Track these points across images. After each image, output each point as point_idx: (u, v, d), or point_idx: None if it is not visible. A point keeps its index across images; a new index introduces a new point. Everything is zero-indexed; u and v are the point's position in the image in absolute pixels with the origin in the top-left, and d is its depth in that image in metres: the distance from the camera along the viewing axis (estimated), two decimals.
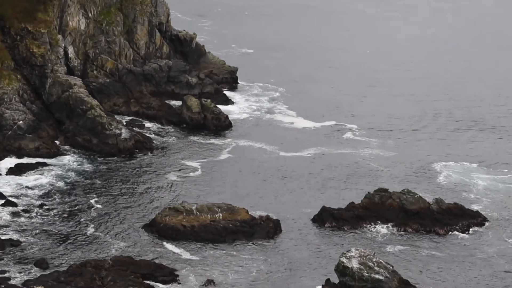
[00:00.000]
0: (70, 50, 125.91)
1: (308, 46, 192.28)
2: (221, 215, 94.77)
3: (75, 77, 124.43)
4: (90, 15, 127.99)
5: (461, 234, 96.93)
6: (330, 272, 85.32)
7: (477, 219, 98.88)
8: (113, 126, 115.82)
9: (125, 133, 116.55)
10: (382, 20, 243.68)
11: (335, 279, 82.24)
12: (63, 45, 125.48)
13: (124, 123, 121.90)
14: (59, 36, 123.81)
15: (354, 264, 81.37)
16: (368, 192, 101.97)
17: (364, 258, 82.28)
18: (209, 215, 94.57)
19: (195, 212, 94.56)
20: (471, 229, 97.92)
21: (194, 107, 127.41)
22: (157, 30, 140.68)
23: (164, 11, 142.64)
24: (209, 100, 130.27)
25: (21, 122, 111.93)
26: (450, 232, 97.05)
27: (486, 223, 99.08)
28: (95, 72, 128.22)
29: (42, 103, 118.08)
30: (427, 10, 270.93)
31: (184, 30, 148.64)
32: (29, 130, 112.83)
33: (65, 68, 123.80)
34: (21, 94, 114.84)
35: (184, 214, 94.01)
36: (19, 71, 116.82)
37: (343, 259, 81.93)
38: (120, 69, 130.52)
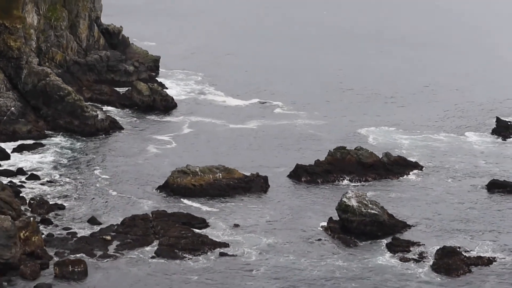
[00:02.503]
0: None
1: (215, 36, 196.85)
2: (220, 174, 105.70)
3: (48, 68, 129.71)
4: (41, 12, 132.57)
5: (410, 178, 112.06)
6: (325, 213, 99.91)
7: (418, 167, 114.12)
8: (89, 109, 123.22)
9: (100, 115, 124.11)
10: None
11: (335, 217, 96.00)
12: (35, 38, 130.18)
13: None
14: (32, 31, 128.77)
15: (354, 202, 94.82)
16: (330, 150, 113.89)
17: (360, 198, 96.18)
18: (211, 175, 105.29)
19: (199, 173, 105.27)
20: (415, 175, 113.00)
21: (144, 90, 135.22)
22: (95, 24, 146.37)
23: (100, 6, 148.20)
24: (155, 84, 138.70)
25: (12, 108, 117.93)
26: (401, 178, 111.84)
27: (424, 170, 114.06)
28: (47, 64, 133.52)
29: (17, 92, 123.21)
30: None
31: (112, 23, 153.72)
32: (20, 115, 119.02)
33: (38, 59, 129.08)
34: (5, 83, 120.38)
35: (191, 175, 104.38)
36: None
37: (344, 199, 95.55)
38: (67, 61, 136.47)
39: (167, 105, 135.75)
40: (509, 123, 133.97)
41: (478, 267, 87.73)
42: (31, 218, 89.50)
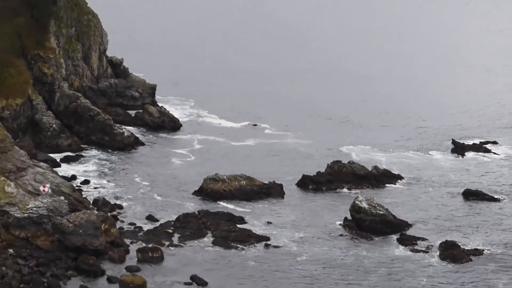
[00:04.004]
0: None
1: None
2: (244, 182, 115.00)
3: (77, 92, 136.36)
4: (60, 44, 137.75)
5: (397, 187, 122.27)
6: (337, 214, 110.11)
7: (400, 179, 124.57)
8: (116, 127, 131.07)
9: (126, 132, 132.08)
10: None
11: (348, 217, 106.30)
12: (64, 66, 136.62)
13: None
14: (62, 60, 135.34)
15: (365, 205, 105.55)
16: (328, 164, 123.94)
17: (369, 201, 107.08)
18: (236, 182, 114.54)
19: (227, 180, 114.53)
20: (400, 185, 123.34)
21: (154, 112, 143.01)
22: (103, 56, 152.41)
23: (107, 40, 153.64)
24: (163, 107, 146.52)
25: (54, 125, 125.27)
26: (389, 186, 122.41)
27: (406, 181, 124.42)
28: None
29: (52, 112, 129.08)
30: None
31: (115, 56, 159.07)
32: (60, 131, 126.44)
33: (67, 84, 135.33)
34: (44, 105, 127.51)
35: (221, 182, 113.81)
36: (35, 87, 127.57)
37: (357, 202, 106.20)
38: (84, 87, 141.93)
39: (174, 126, 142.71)
40: (464, 144, 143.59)
41: (476, 257, 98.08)
42: (108, 214, 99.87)
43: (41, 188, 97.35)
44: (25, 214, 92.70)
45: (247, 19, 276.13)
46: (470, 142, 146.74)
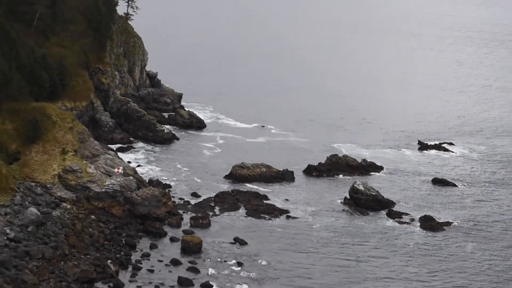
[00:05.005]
0: None
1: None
2: (264, 169, 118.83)
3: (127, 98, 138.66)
4: (111, 60, 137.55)
5: (380, 176, 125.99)
6: (338, 194, 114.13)
7: (382, 169, 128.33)
8: (158, 125, 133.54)
9: (166, 129, 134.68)
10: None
11: (347, 196, 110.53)
12: (118, 77, 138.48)
13: None
14: (116, 72, 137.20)
15: (361, 187, 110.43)
16: (327, 156, 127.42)
17: (364, 184, 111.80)
18: (258, 169, 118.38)
19: (251, 167, 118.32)
20: (383, 174, 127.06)
21: (185, 115, 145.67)
22: (144, 70, 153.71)
23: (147, 58, 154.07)
24: (191, 111, 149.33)
25: (110, 123, 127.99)
26: (374, 175, 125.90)
27: (386, 171, 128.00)
28: None
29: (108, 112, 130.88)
30: None
31: (151, 70, 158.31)
32: (114, 128, 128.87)
33: (120, 91, 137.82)
34: (102, 107, 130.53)
35: (246, 169, 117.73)
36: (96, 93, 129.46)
37: (355, 185, 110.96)
38: (127, 94, 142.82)
39: (200, 125, 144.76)
40: (427, 144, 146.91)
41: (447, 227, 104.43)
42: (166, 190, 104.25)
43: (116, 170, 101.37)
44: (103, 189, 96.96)
45: (253, 40, 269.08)
46: (432, 143, 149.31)
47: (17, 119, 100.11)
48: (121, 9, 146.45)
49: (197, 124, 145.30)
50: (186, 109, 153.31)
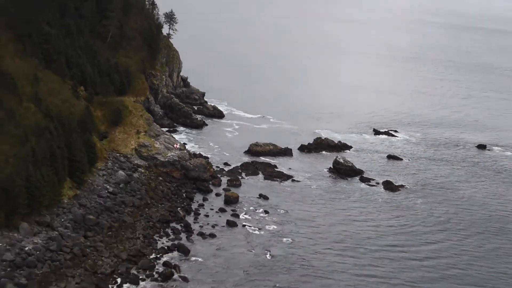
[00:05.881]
0: None
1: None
2: (271, 147, 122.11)
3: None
4: (158, 67, 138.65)
5: (351, 153, 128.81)
6: (324, 165, 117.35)
7: (351, 148, 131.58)
8: (193, 114, 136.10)
9: (199, 117, 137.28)
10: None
11: (331, 167, 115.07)
12: (165, 80, 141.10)
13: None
14: (163, 76, 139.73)
15: (341, 160, 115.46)
16: (314, 139, 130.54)
17: (343, 158, 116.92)
18: (267, 147, 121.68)
19: (262, 145, 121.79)
20: (353, 151, 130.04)
21: (210, 108, 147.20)
22: (179, 75, 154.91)
23: (181, 65, 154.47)
24: (214, 104, 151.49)
25: (160, 112, 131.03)
26: (347, 152, 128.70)
27: (354, 150, 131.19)
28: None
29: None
30: None
31: (183, 74, 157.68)
32: (163, 116, 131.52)
33: (165, 90, 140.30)
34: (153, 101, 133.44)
35: (259, 146, 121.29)
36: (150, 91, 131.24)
37: (337, 159, 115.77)
38: (169, 92, 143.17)
39: (220, 115, 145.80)
40: (379, 131, 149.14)
41: (402, 188, 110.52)
42: (207, 160, 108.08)
43: (174, 145, 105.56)
44: (166, 159, 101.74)
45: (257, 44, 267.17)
46: (382, 130, 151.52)
47: (105, 108, 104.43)
48: (164, 30, 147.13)
49: (218, 114, 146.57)
50: (209, 103, 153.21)
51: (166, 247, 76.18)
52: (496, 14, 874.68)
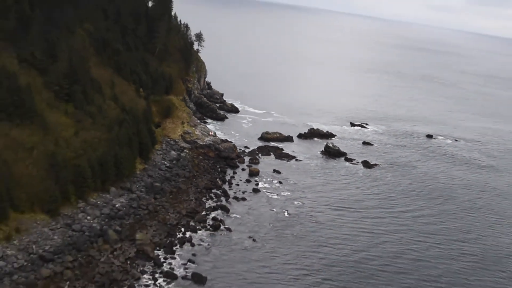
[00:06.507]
0: None
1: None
2: (278, 135, 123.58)
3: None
4: (190, 74, 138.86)
5: (336, 140, 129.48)
6: (318, 148, 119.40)
7: (336, 136, 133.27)
8: (217, 110, 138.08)
9: (222, 112, 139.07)
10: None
11: (323, 149, 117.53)
12: (196, 84, 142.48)
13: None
14: (195, 81, 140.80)
15: (331, 145, 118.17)
16: (309, 129, 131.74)
17: (333, 144, 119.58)
18: (275, 135, 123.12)
19: (271, 133, 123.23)
20: (337, 139, 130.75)
21: (229, 105, 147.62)
22: (205, 80, 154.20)
23: (206, 73, 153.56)
24: (231, 102, 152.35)
25: (194, 108, 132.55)
26: (333, 140, 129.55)
27: (338, 137, 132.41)
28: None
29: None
30: None
31: (207, 80, 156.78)
32: (196, 111, 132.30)
33: (196, 92, 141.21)
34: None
35: (269, 134, 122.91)
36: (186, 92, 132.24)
37: (328, 144, 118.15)
38: (199, 93, 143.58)
39: (236, 111, 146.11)
40: (354, 123, 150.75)
41: (376, 166, 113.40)
42: (233, 144, 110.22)
43: (210, 132, 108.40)
44: (203, 143, 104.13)
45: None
46: (357, 123, 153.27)
47: (158, 105, 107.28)
48: (194, 46, 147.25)
49: (235, 110, 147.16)
50: (227, 101, 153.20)
51: (212, 207, 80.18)
52: (434, 38, 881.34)
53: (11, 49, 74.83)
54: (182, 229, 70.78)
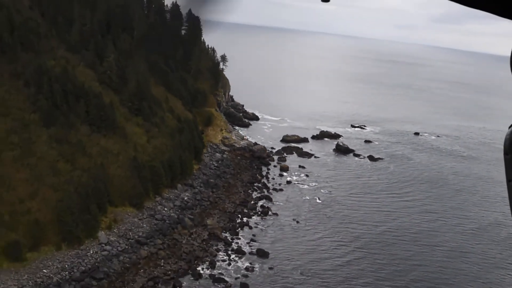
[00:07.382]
0: None
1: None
2: (296, 137, 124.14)
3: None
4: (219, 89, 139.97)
5: (343, 140, 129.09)
6: (330, 146, 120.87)
7: (342, 136, 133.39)
8: (243, 118, 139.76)
9: (246, 120, 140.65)
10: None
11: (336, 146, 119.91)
12: (224, 97, 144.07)
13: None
14: (223, 95, 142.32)
15: (341, 144, 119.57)
16: (319, 131, 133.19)
17: (342, 142, 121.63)
18: (294, 137, 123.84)
19: (290, 136, 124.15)
20: (342, 139, 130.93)
21: (250, 114, 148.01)
22: (229, 93, 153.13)
23: (230, 88, 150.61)
24: (252, 111, 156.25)
25: (223, 117, 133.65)
26: (340, 139, 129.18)
27: (343, 138, 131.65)
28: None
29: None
30: None
31: (230, 93, 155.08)
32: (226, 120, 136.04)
33: (224, 104, 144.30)
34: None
35: (289, 136, 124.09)
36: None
37: (338, 143, 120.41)
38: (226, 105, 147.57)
39: (257, 119, 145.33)
40: (355, 125, 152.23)
41: (380, 159, 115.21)
42: (263, 146, 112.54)
43: (244, 137, 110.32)
44: (239, 146, 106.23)
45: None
46: (356, 125, 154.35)
47: (200, 115, 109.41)
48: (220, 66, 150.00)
49: (255, 118, 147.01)
50: (248, 111, 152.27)
51: (258, 197, 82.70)
52: (402, 52, 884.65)
53: (93, 74, 77.41)
54: (239, 216, 73.24)
